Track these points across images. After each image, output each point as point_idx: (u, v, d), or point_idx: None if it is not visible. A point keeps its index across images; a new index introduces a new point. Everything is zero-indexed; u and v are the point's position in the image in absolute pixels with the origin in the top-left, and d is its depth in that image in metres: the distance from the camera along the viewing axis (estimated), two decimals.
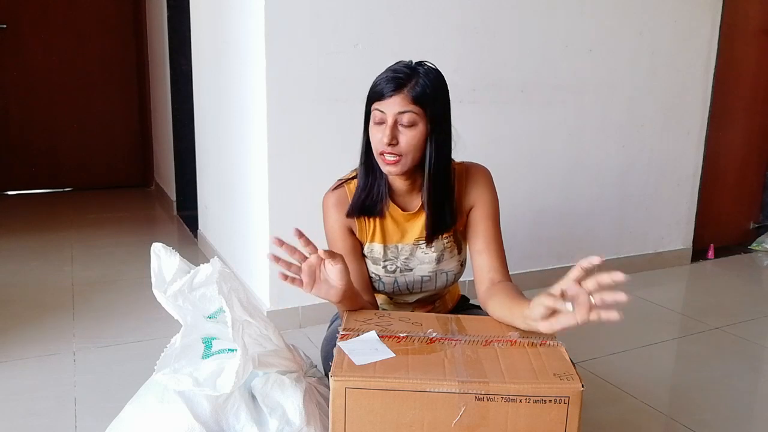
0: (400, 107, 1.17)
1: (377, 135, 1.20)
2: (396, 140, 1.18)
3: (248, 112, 2.20)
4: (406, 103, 1.17)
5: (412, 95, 1.17)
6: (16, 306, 2.29)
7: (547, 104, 2.52)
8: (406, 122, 1.17)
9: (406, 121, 1.17)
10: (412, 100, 1.17)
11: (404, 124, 1.18)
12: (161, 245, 1.24)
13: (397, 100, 1.17)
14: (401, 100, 1.17)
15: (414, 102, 1.17)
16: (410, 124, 1.18)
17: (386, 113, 1.18)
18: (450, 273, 1.36)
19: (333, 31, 2.05)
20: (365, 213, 1.30)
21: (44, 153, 4.46)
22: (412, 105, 1.17)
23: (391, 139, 1.17)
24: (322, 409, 1.22)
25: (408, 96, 1.17)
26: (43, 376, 1.76)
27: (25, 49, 4.28)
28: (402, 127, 1.18)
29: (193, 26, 2.96)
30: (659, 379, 1.89)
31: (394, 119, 1.17)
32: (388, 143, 1.17)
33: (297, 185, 2.09)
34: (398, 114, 1.17)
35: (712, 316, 2.39)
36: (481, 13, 2.30)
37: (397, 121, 1.18)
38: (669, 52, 2.78)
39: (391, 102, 1.17)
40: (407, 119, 1.17)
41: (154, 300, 1.22)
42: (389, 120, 1.18)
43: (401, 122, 1.18)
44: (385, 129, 1.18)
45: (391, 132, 1.17)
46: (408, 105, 1.17)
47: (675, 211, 3.03)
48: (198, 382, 1.07)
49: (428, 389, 0.90)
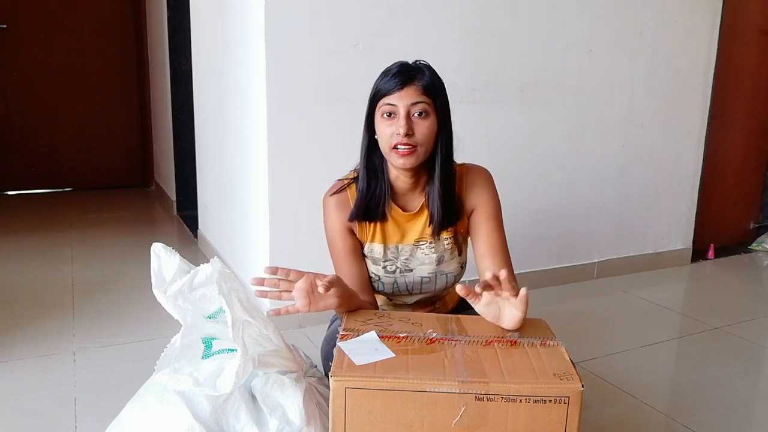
0: (413, 98, 1.18)
1: (388, 129, 1.21)
2: (412, 131, 1.19)
3: (248, 112, 2.20)
4: (419, 94, 1.19)
5: (423, 85, 1.19)
6: (16, 306, 2.29)
7: (547, 104, 2.52)
8: (419, 113, 1.19)
9: (420, 111, 1.19)
10: (423, 91, 1.19)
11: (417, 114, 1.19)
12: (161, 245, 1.24)
13: (409, 92, 1.18)
14: (413, 92, 1.18)
15: (425, 93, 1.19)
16: (424, 115, 1.19)
17: (398, 105, 1.19)
18: (450, 275, 1.36)
19: (333, 31, 2.05)
20: (368, 218, 1.30)
21: (44, 153, 4.46)
22: (423, 96, 1.19)
23: (408, 129, 1.18)
24: (322, 409, 1.22)
25: (419, 87, 1.19)
26: (43, 376, 1.76)
27: (24, 49, 4.28)
28: (415, 118, 1.20)
29: (193, 26, 2.96)
30: (659, 379, 1.89)
31: (407, 110, 1.19)
32: (405, 133, 1.18)
33: (297, 185, 2.09)
34: (411, 105, 1.19)
35: (712, 316, 2.39)
36: (481, 13, 2.30)
37: (410, 113, 1.19)
38: (669, 52, 2.78)
39: (402, 94, 1.18)
40: (420, 109, 1.19)
41: (154, 300, 1.22)
42: (402, 111, 1.19)
43: (415, 113, 1.19)
44: (399, 120, 1.19)
45: (407, 123, 1.18)
46: (420, 96, 1.19)
47: (675, 211, 3.03)
48: (198, 382, 1.07)
49: (428, 389, 0.90)
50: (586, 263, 2.76)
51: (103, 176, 4.66)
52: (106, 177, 4.68)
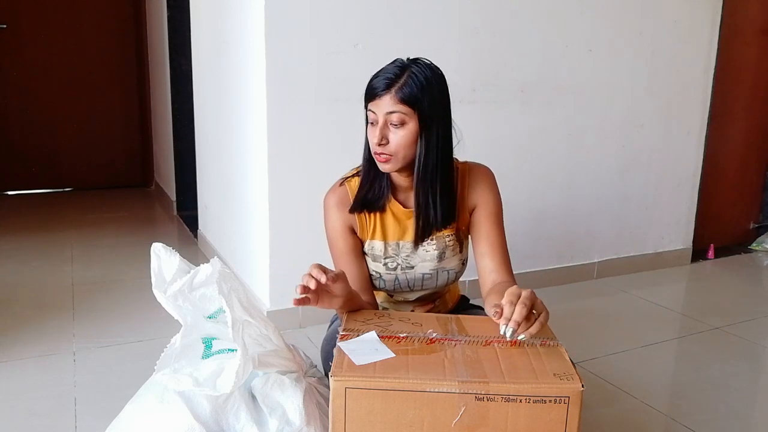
0: (389, 107, 1.18)
1: (370, 135, 1.23)
2: (386, 140, 1.20)
3: (248, 112, 2.20)
4: (394, 103, 1.18)
5: (400, 96, 1.18)
6: (16, 306, 2.29)
7: (547, 104, 2.52)
8: (395, 122, 1.19)
9: (396, 120, 1.19)
10: (399, 100, 1.18)
11: (394, 123, 1.19)
12: (161, 245, 1.24)
13: (386, 100, 1.18)
14: (389, 100, 1.18)
15: (402, 102, 1.18)
16: (400, 124, 1.19)
17: (377, 113, 1.20)
18: (451, 271, 1.36)
19: (333, 31, 2.05)
20: (367, 207, 1.31)
21: (44, 153, 4.46)
22: (400, 105, 1.18)
23: (381, 139, 1.19)
24: (322, 409, 1.22)
25: (396, 96, 1.18)
26: (43, 376, 1.76)
27: (25, 49, 4.28)
28: (392, 126, 1.20)
29: (193, 26, 2.96)
30: (659, 379, 1.89)
31: (384, 119, 1.19)
32: (378, 143, 1.20)
33: (297, 185, 2.09)
34: (387, 114, 1.19)
35: (712, 316, 2.39)
36: (481, 13, 2.30)
37: (387, 121, 1.19)
38: (669, 52, 2.78)
39: (380, 102, 1.19)
40: (396, 119, 1.19)
41: (154, 300, 1.22)
42: (380, 120, 1.20)
43: (391, 122, 1.19)
44: (376, 129, 1.20)
45: (381, 132, 1.20)
46: (396, 105, 1.18)
47: (675, 211, 3.03)
48: (198, 382, 1.07)
49: (428, 389, 0.90)
50: (586, 263, 2.76)
51: (103, 176, 4.66)
52: (106, 177, 4.68)
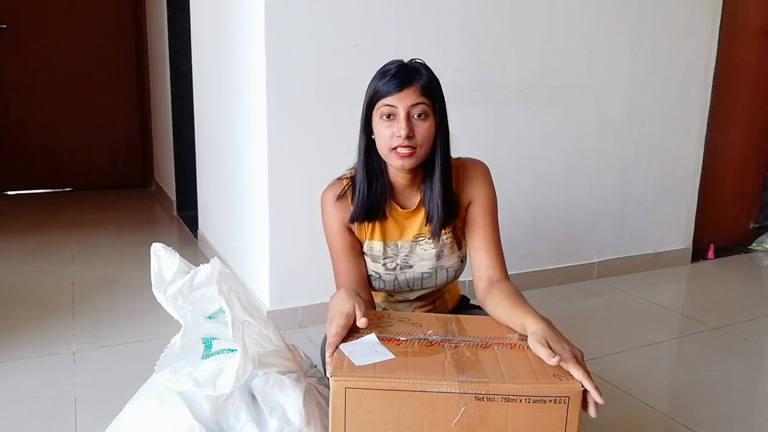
0: (413, 100, 1.18)
1: (387, 131, 1.20)
2: (413, 132, 1.19)
3: (248, 113, 2.20)
4: (418, 96, 1.18)
5: (422, 87, 1.19)
6: (16, 306, 2.29)
7: (547, 104, 2.52)
8: (419, 114, 1.19)
9: (420, 112, 1.19)
10: (422, 92, 1.19)
11: (418, 115, 1.19)
12: (161, 245, 1.24)
13: (409, 93, 1.18)
14: (413, 93, 1.18)
15: (424, 94, 1.19)
16: (423, 116, 1.19)
17: (398, 107, 1.19)
18: (450, 269, 1.36)
19: (333, 31, 2.05)
20: (369, 218, 1.30)
21: (44, 153, 4.46)
22: (423, 97, 1.19)
23: (409, 131, 1.18)
24: (322, 409, 1.22)
25: (418, 88, 1.18)
26: (43, 376, 1.76)
27: (25, 49, 4.28)
28: (415, 119, 1.19)
29: (193, 26, 2.96)
30: (659, 379, 1.89)
31: (407, 112, 1.19)
32: (407, 135, 1.18)
33: (297, 185, 2.09)
34: (411, 107, 1.18)
35: (712, 316, 2.39)
36: (481, 13, 2.30)
37: (409, 114, 1.19)
38: (669, 52, 2.78)
39: (402, 95, 1.18)
40: (420, 110, 1.19)
41: (154, 300, 1.22)
42: (401, 113, 1.18)
43: (413, 115, 1.19)
44: (399, 122, 1.18)
45: (408, 124, 1.18)
46: (419, 97, 1.18)
47: (675, 211, 3.03)
48: (198, 382, 1.07)
49: (428, 389, 0.90)
50: (586, 263, 2.76)
51: (103, 176, 4.66)
52: (106, 177, 4.68)
